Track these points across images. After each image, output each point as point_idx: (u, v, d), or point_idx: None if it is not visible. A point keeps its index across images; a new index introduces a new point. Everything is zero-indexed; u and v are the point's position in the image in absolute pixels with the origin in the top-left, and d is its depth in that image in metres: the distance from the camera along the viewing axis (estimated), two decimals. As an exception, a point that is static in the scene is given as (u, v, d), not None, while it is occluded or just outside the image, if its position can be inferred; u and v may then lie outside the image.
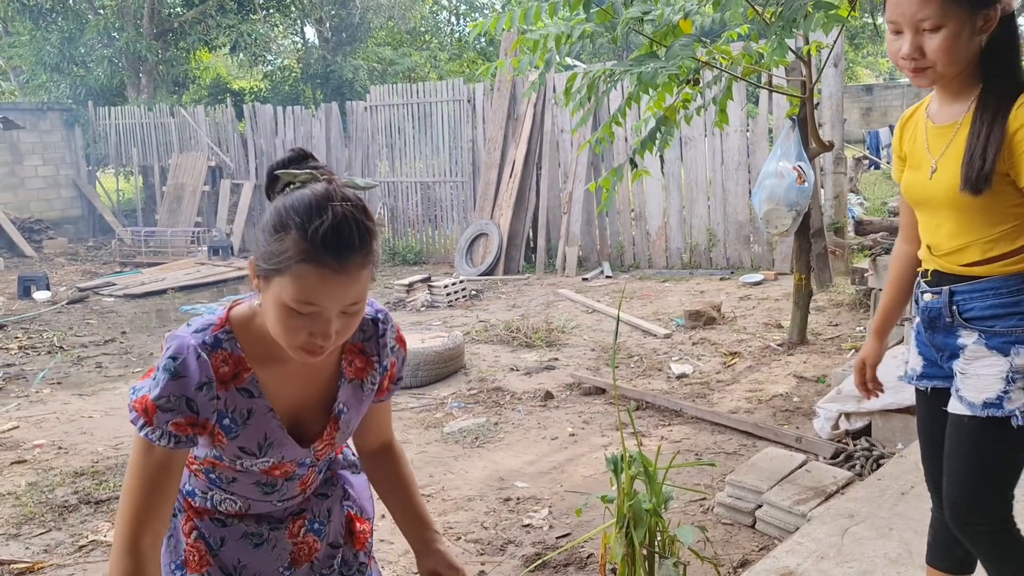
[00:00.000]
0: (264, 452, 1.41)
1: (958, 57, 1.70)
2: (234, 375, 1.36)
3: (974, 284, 1.81)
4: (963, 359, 1.85)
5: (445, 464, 4.11)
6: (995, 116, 1.71)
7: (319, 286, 1.23)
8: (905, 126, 1.96)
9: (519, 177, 9.80)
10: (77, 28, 15.78)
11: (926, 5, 1.65)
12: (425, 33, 21.65)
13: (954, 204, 1.78)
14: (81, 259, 12.69)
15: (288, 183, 1.30)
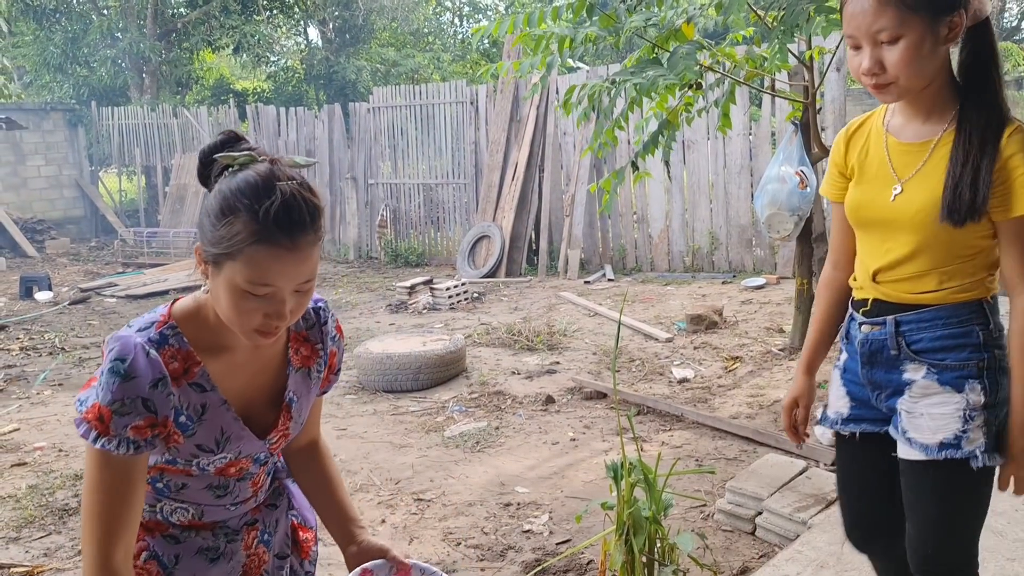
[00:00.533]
0: (222, 447, 1.39)
1: (922, 70, 1.57)
2: (184, 370, 1.34)
3: (922, 313, 1.69)
4: (909, 396, 1.71)
5: (446, 469, 4.11)
6: (984, 144, 1.58)
7: (273, 265, 1.24)
8: (853, 138, 1.80)
9: (521, 179, 9.80)
10: (81, 28, 15.81)
11: (881, 15, 1.53)
12: (428, 34, 21.67)
13: (920, 230, 1.65)
14: (83, 259, 12.70)
15: (227, 166, 1.29)
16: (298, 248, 1.25)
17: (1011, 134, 1.58)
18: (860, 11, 1.55)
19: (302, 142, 12.22)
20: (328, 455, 1.69)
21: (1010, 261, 1.62)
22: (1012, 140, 1.58)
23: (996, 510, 2.80)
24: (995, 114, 1.60)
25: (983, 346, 1.66)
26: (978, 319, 1.67)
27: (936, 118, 1.66)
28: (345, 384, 5.61)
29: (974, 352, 1.66)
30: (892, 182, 1.68)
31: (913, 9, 1.52)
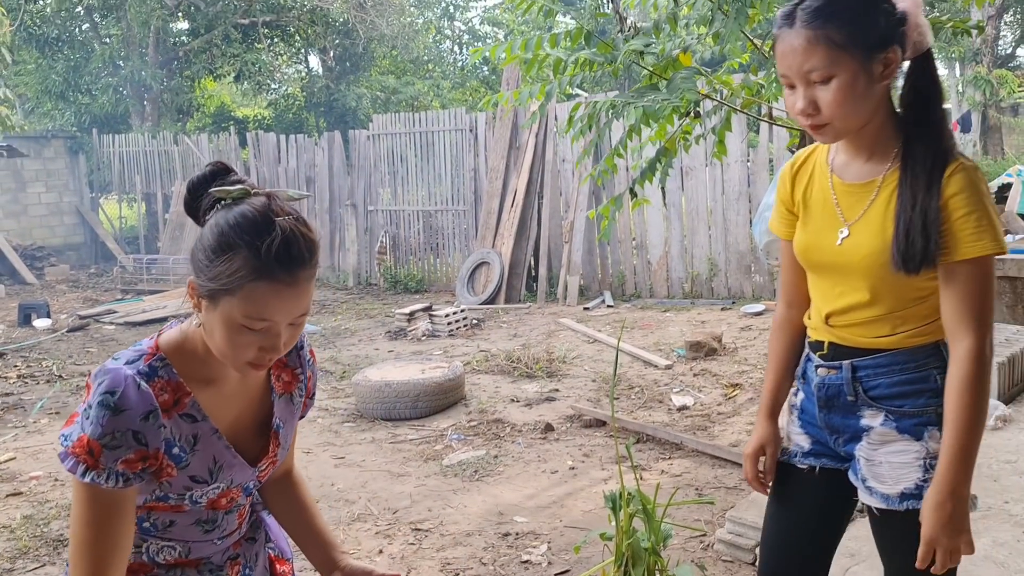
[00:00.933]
0: (216, 477, 1.38)
1: (856, 109, 1.50)
2: (175, 402, 1.33)
3: (878, 358, 1.61)
4: (868, 444, 1.64)
5: (444, 498, 4.07)
6: (931, 185, 1.51)
7: (273, 301, 1.25)
8: (798, 174, 1.73)
9: (521, 206, 9.83)
10: (83, 57, 15.95)
11: (812, 55, 1.46)
12: (428, 62, 21.84)
13: (869, 275, 1.58)
14: (82, 286, 12.70)
15: (219, 200, 1.30)
16: (297, 283, 1.26)
17: (952, 173, 1.51)
18: (791, 50, 1.49)
19: (302, 169, 12.27)
20: (303, 483, 1.69)
21: (949, 305, 1.54)
22: (952, 180, 1.50)
23: (998, 540, 2.78)
24: (939, 152, 1.53)
25: (940, 391, 1.58)
26: (935, 363, 1.60)
27: (879, 156, 1.59)
28: (343, 412, 5.59)
29: (932, 398, 1.59)
30: (839, 225, 1.61)
31: (843, 47, 1.45)
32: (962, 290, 1.51)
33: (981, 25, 3.78)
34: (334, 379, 6.49)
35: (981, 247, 1.48)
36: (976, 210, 1.49)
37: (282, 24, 17.22)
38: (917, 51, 1.53)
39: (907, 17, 1.50)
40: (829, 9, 1.46)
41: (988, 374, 1.51)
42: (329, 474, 4.47)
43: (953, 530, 1.50)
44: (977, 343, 1.50)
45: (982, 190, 1.50)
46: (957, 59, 20.04)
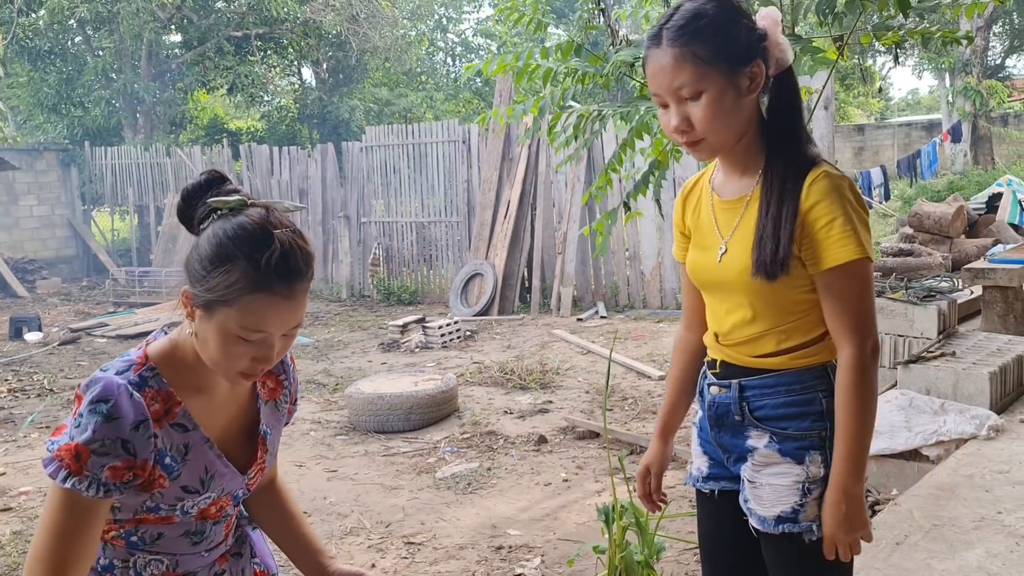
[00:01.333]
0: (207, 486, 1.38)
1: (728, 124, 1.53)
2: (166, 411, 1.33)
3: (765, 378, 1.63)
4: (752, 465, 1.65)
5: (437, 511, 4.06)
6: (783, 192, 1.54)
7: (269, 313, 1.26)
8: (688, 198, 1.77)
9: (514, 217, 9.84)
10: (75, 70, 15.94)
11: (680, 72, 1.49)
12: (421, 74, 21.88)
13: (747, 289, 1.59)
14: (74, 299, 12.66)
15: (215, 210, 1.30)
16: (294, 296, 1.28)
17: (813, 182, 1.53)
18: (660, 69, 1.52)
19: (295, 181, 12.26)
20: (287, 491, 1.69)
21: (828, 316, 1.57)
22: (813, 189, 1.52)
23: (992, 552, 2.77)
24: (795, 161, 1.56)
25: (825, 414, 1.59)
26: (822, 386, 1.61)
27: (750, 172, 1.62)
28: (336, 425, 5.56)
29: (816, 421, 1.60)
30: (718, 242, 1.65)
31: (709, 63, 1.49)
32: (836, 299, 1.54)
33: (970, 36, 3.80)
34: (327, 391, 6.47)
35: (846, 253, 1.50)
36: (839, 216, 1.51)
37: (275, 36, 17.25)
38: (780, 67, 1.56)
39: (767, 34, 1.54)
40: (693, 26, 1.50)
41: (869, 380, 1.54)
42: (321, 488, 4.45)
43: (849, 527, 1.55)
44: (856, 351, 1.53)
45: (846, 196, 1.52)
46: (947, 70, 20.19)
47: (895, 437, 3.72)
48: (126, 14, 14.28)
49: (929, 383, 4.18)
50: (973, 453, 3.59)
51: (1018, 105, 23.20)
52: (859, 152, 24.90)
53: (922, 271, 8.00)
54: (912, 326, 4.84)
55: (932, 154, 15.13)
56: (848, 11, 3.51)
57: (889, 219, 14.74)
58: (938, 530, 2.95)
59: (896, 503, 3.24)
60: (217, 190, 1.34)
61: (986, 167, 18.52)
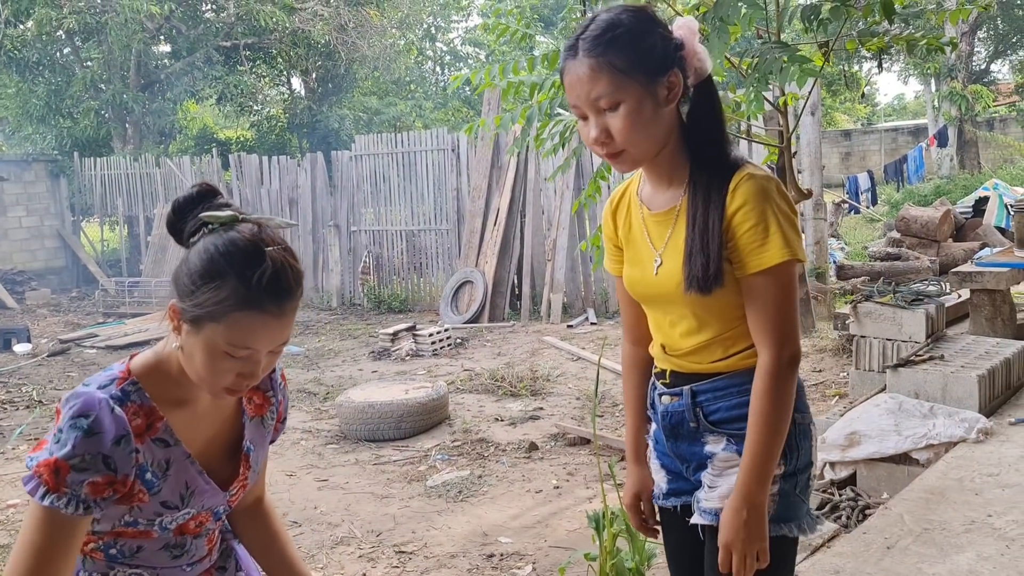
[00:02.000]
0: (187, 502, 1.37)
1: (648, 135, 1.50)
2: (148, 426, 1.32)
3: (716, 382, 1.60)
4: (711, 470, 1.61)
5: (428, 519, 4.05)
6: (709, 202, 1.52)
7: (258, 331, 1.26)
8: (617, 210, 1.73)
9: (503, 225, 9.84)
10: (64, 80, 15.89)
11: (596, 83, 1.47)
12: (410, 83, 21.92)
13: (687, 301, 1.56)
14: (64, 310, 12.59)
15: (206, 223, 1.30)
16: (284, 314, 1.28)
17: (737, 185, 1.51)
18: (577, 80, 1.50)
19: (285, 190, 12.25)
20: (274, 512, 1.67)
21: (751, 319, 1.54)
22: (737, 193, 1.50)
23: (983, 555, 2.79)
24: (718, 167, 1.54)
25: None
26: None
27: (676, 183, 1.59)
28: (327, 434, 5.55)
29: None
30: (653, 255, 1.62)
31: (626, 72, 1.47)
32: (758, 303, 1.52)
33: (955, 42, 3.84)
34: (317, 400, 6.45)
35: (769, 257, 1.48)
36: (761, 220, 1.49)
37: (264, 46, 17.24)
38: (699, 76, 1.54)
39: (684, 44, 1.53)
40: (608, 36, 1.48)
41: (783, 388, 1.50)
42: (312, 497, 4.43)
43: (748, 537, 1.51)
44: (773, 358, 1.50)
45: (771, 198, 1.50)
46: (933, 75, 20.34)
47: (885, 441, 3.74)
48: (114, 25, 14.25)
49: (918, 387, 4.20)
50: (962, 456, 3.61)
51: (1003, 109, 23.39)
52: (846, 157, 25.02)
53: (910, 275, 8.04)
54: (901, 330, 4.86)
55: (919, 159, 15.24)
56: (833, 17, 3.53)
57: (876, 224, 14.82)
58: (928, 534, 2.96)
59: (886, 507, 3.25)
60: (208, 203, 1.33)
61: (972, 171, 18.63)
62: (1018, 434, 3.83)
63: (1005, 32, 21.95)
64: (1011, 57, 23.36)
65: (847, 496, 3.67)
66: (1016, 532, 2.91)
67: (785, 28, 4.24)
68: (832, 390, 5.63)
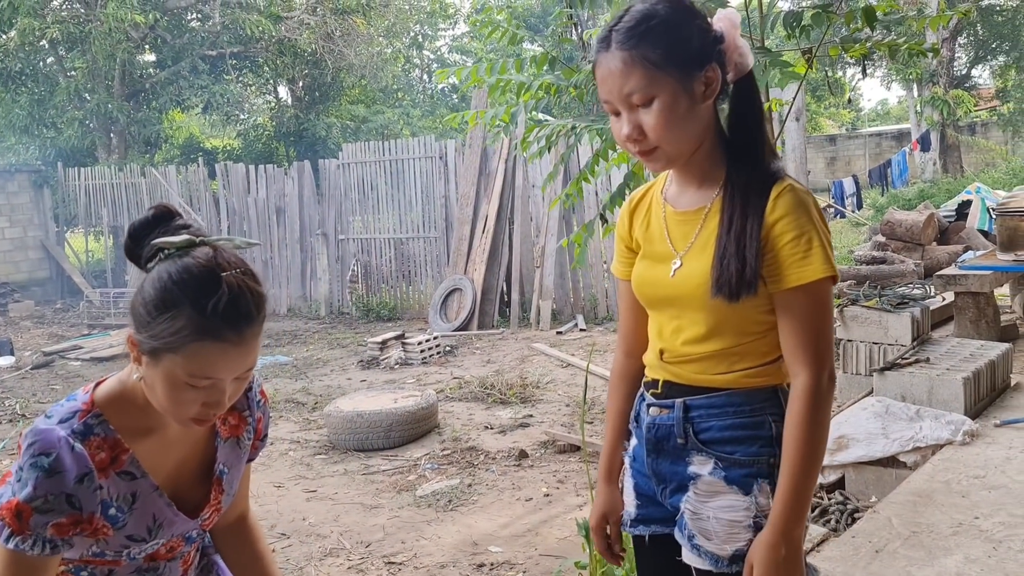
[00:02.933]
0: (155, 534, 1.33)
1: (683, 132, 1.43)
2: (112, 459, 1.27)
3: (713, 398, 1.50)
4: (695, 494, 1.51)
5: (417, 529, 4.03)
6: (747, 207, 1.43)
7: (219, 360, 1.21)
8: (636, 210, 1.64)
9: (492, 232, 9.85)
10: (47, 90, 15.79)
11: (630, 77, 1.39)
12: (398, 91, 21.92)
13: (703, 307, 1.47)
14: (48, 322, 12.49)
15: (162, 249, 1.25)
16: (244, 341, 1.22)
17: (778, 196, 1.44)
18: (609, 74, 1.42)
19: (272, 199, 12.21)
20: (258, 530, 1.63)
21: (784, 338, 1.45)
22: (779, 203, 1.43)
23: (971, 557, 2.80)
24: (757, 174, 1.46)
25: (774, 440, 1.47)
26: (772, 409, 1.49)
27: (709, 183, 1.51)
28: (315, 444, 5.52)
29: (764, 447, 1.48)
30: (671, 256, 1.53)
31: (661, 67, 1.39)
32: (795, 321, 1.44)
33: (936, 47, 3.87)
34: (306, 410, 6.43)
35: (811, 272, 1.41)
36: (804, 233, 1.42)
37: (250, 55, 17.21)
38: (739, 72, 1.47)
39: (724, 37, 1.45)
40: (642, 28, 1.41)
41: (823, 411, 1.43)
42: (300, 508, 4.41)
43: (785, 574, 1.41)
44: (812, 379, 1.42)
45: (811, 213, 1.44)
46: (915, 80, 20.50)
47: (872, 444, 3.75)
48: (98, 34, 14.19)
49: (904, 389, 4.22)
50: (949, 459, 3.63)
51: (984, 114, 23.61)
52: (831, 162, 25.17)
53: (895, 278, 8.09)
54: (886, 333, 4.89)
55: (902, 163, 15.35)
56: (815, 24, 3.56)
57: (862, 228, 14.91)
58: (917, 537, 2.97)
59: (875, 510, 3.27)
60: (165, 227, 1.28)
61: (955, 175, 18.79)
62: (1004, 436, 3.86)
63: (985, 38, 22.17)
64: (991, 62, 23.58)
65: (836, 500, 3.68)
66: (1003, 534, 2.93)
67: (768, 35, 4.28)
68: (820, 394, 5.64)
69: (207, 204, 13.11)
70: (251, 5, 15.24)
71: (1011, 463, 3.54)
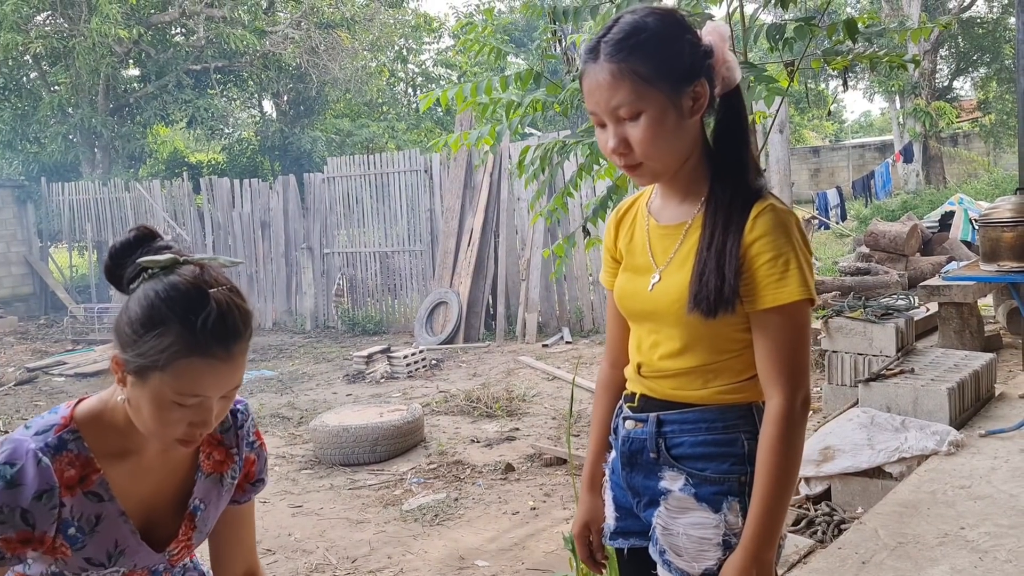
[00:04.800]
0: (114, 561, 1.30)
1: (669, 147, 1.41)
2: (81, 478, 1.25)
3: (686, 413, 1.49)
4: (666, 510, 1.50)
5: (404, 544, 4.00)
6: (729, 222, 1.41)
7: (207, 377, 1.20)
8: (621, 221, 1.63)
9: (477, 245, 9.84)
10: (31, 105, 15.71)
11: (618, 90, 1.37)
12: (383, 104, 21.92)
13: (679, 322, 1.46)
14: (31, 338, 12.37)
15: (145, 269, 1.24)
16: (232, 358, 1.22)
17: (757, 215, 1.41)
18: (597, 86, 1.40)
19: (257, 213, 12.17)
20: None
21: (759, 359, 1.44)
22: (758, 222, 1.41)
23: (956, 567, 2.80)
24: (740, 190, 1.44)
25: (746, 458, 1.46)
26: (746, 426, 1.48)
27: (692, 198, 1.49)
28: (301, 459, 5.48)
29: (736, 465, 1.46)
30: (651, 269, 1.52)
31: (649, 81, 1.37)
32: (770, 342, 1.42)
33: (917, 59, 3.91)
34: (291, 425, 6.38)
35: (787, 294, 1.39)
36: (781, 255, 1.39)
37: (235, 69, 17.18)
38: (727, 87, 1.45)
39: (714, 51, 1.43)
40: (632, 41, 1.38)
41: (797, 435, 1.42)
42: (286, 524, 4.37)
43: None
44: (786, 402, 1.40)
45: (791, 233, 1.41)
46: (897, 92, 20.71)
47: (858, 455, 3.76)
48: (82, 49, 14.13)
49: (889, 400, 4.23)
50: (935, 469, 3.64)
51: (966, 125, 23.85)
52: (815, 174, 25.34)
53: (879, 289, 8.13)
54: (871, 344, 4.91)
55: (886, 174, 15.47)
56: (798, 37, 3.59)
57: (846, 239, 15.00)
58: (903, 548, 2.97)
59: (861, 522, 3.27)
60: (147, 247, 1.27)
61: (938, 186, 18.97)
62: (988, 446, 3.88)
63: (966, 50, 22.43)
64: (972, 74, 23.86)
65: (822, 511, 3.68)
66: (989, 544, 2.94)
67: (752, 47, 4.31)
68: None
69: (192, 219, 13.05)
70: (235, 20, 15.21)
71: (996, 473, 3.55)
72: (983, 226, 4.61)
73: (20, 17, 14.02)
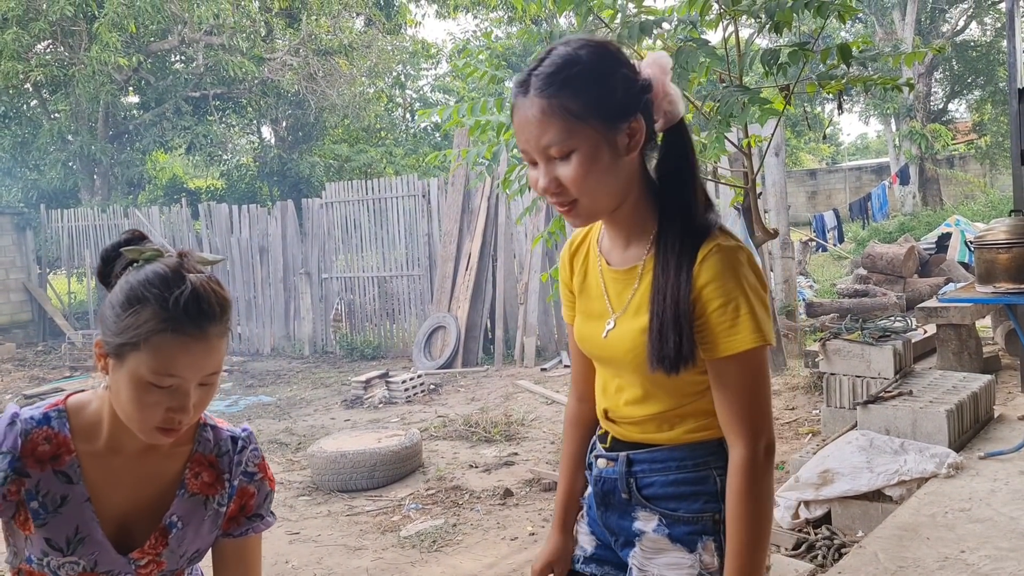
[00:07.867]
0: (72, 549, 1.31)
1: (604, 187, 1.34)
2: (53, 456, 1.30)
3: (655, 452, 1.46)
4: (641, 551, 1.48)
5: (402, 571, 3.97)
6: (680, 270, 1.35)
7: (180, 355, 1.22)
8: (575, 254, 1.57)
9: (475, 269, 9.86)
10: (31, 133, 15.80)
11: (548, 128, 1.30)
12: (381, 130, 22.04)
13: (636, 371, 1.42)
14: (29, 364, 12.34)
15: (132, 261, 1.29)
16: (206, 338, 1.24)
17: (705, 257, 1.35)
18: (526, 122, 1.32)
19: (255, 239, 12.19)
20: None
21: (720, 407, 1.40)
22: (705, 266, 1.35)
23: None
24: (689, 232, 1.37)
25: (719, 495, 1.42)
26: (716, 463, 1.44)
27: (638, 239, 1.43)
28: (299, 485, 5.45)
29: (709, 502, 1.43)
30: (607, 315, 1.46)
31: (581, 119, 1.29)
32: (727, 391, 1.38)
33: (911, 82, 3.94)
34: (289, 451, 6.35)
35: (739, 342, 1.34)
36: (731, 301, 1.34)
37: (233, 96, 17.29)
38: (669, 121, 1.38)
39: (652, 85, 1.36)
40: (563, 75, 1.31)
41: (763, 484, 1.37)
42: (283, 551, 4.34)
43: None
44: (747, 451, 1.36)
45: (742, 273, 1.35)
46: (893, 115, 20.84)
47: (858, 478, 3.74)
48: (82, 77, 14.22)
49: (888, 423, 4.22)
50: (934, 492, 3.62)
51: (962, 147, 23.99)
52: (812, 196, 25.46)
53: (877, 311, 8.13)
54: (869, 366, 4.90)
55: (882, 196, 15.53)
56: (792, 61, 3.62)
57: (844, 261, 15.03)
58: (903, 572, 2.95)
59: (861, 545, 3.25)
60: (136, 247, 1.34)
61: (934, 208, 19.04)
62: (988, 468, 3.86)
63: (960, 72, 22.60)
64: (967, 96, 24.02)
65: (822, 535, 3.66)
66: (989, 567, 2.92)
67: (747, 72, 4.34)
68: (805, 428, 5.64)
69: (190, 244, 13.06)
70: (234, 47, 15.32)
71: (996, 495, 3.54)
72: (979, 248, 4.62)
73: (21, 46, 14.13)
